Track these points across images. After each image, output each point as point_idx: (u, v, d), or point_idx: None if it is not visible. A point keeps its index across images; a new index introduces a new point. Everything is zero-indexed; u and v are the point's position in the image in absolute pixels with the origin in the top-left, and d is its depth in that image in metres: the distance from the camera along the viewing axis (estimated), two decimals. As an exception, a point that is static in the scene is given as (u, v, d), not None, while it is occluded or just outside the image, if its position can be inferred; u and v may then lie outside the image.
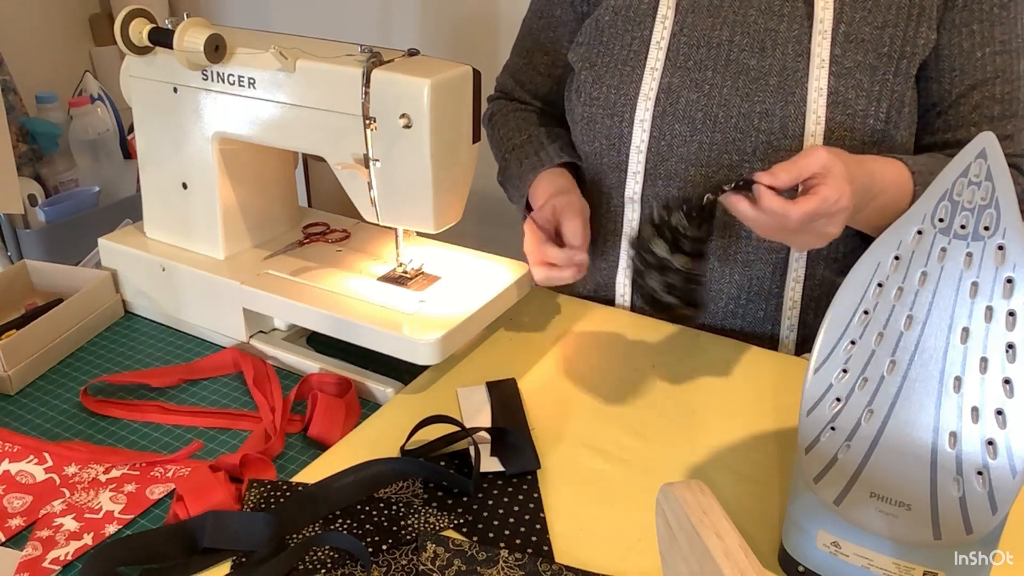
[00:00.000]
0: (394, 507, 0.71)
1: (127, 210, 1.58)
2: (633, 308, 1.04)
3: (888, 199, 0.84)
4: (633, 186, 0.98)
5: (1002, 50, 0.90)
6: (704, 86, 0.94)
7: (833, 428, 0.58)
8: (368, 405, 0.87)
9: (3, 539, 0.69)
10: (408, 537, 0.67)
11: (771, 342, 0.99)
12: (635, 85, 0.97)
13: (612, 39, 1.00)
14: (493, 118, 1.18)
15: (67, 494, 0.73)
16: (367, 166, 0.85)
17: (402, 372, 0.89)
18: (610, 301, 1.05)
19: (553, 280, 0.91)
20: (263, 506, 0.70)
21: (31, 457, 0.78)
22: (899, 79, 0.90)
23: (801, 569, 0.63)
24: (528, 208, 1.06)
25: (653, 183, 0.98)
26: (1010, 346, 0.53)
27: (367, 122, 0.83)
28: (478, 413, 0.83)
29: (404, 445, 0.78)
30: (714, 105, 0.94)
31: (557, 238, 0.93)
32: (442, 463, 0.76)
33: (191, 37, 0.86)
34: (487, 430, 0.79)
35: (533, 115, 1.15)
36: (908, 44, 0.90)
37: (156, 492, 0.73)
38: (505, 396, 0.85)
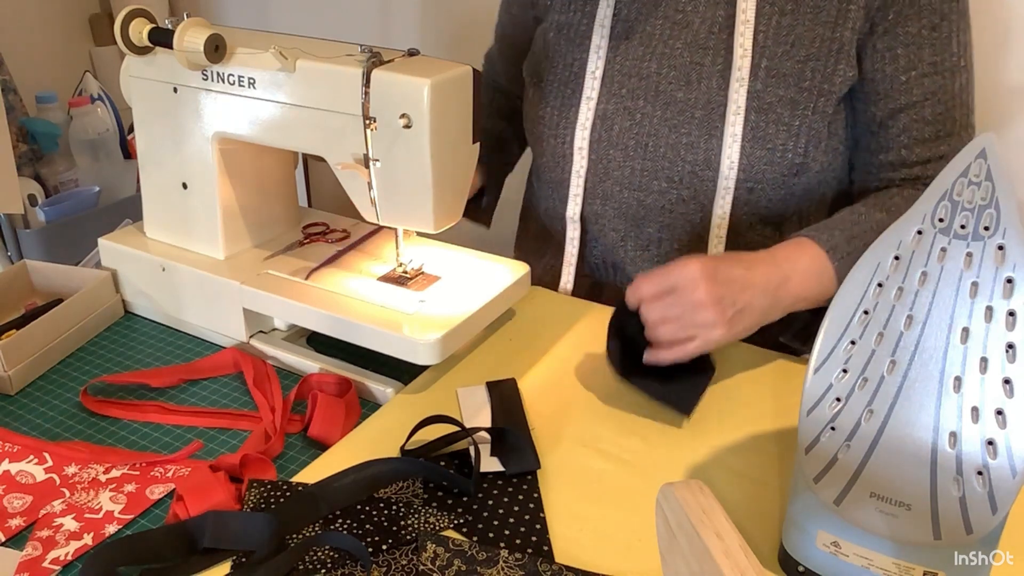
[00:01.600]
0: (394, 507, 0.70)
1: (127, 210, 1.58)
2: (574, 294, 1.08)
3: (803, 271, 0.84)
4: (573, 207, 1.03)
5: (932, 71, 0.90)
6: (636, 115, 0.97)
7: (833, 428, 0.58)
8: (368, 405, 0.87)
9: (3, 539, 0.69)
10: (408, 537, 0.67)
11: (759, 334, 0.99)
12: (574, 110, 1.01)
13: (556, 56, 1.03)
14: None
15: (67, 494, 0.73)
16: (367, 166, 0.85)
17: (402, 372, 0.89)
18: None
19: None
20: (263, 506, 0.70)
21: (31, 457, 0.78)
22: (816, 116, 0.91)
23: (801, 569, 0.63)
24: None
25: (591, 202, 1.02)
26: (1010, 346, 0.53)
27: (367, 122, 0.83)
28: (478, 413, 0.83)
29: (404, 445, 0.78)
30: (644, 134, 0.97)
31: None
32: (442, 463, 0.76)
33: (191, 37, 0.86)
34: (487, 430, 0.79)
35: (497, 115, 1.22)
36: (827, 81, 0.90)
37: (156, 492, 0.73)
38: (505, 396, 0.85)
